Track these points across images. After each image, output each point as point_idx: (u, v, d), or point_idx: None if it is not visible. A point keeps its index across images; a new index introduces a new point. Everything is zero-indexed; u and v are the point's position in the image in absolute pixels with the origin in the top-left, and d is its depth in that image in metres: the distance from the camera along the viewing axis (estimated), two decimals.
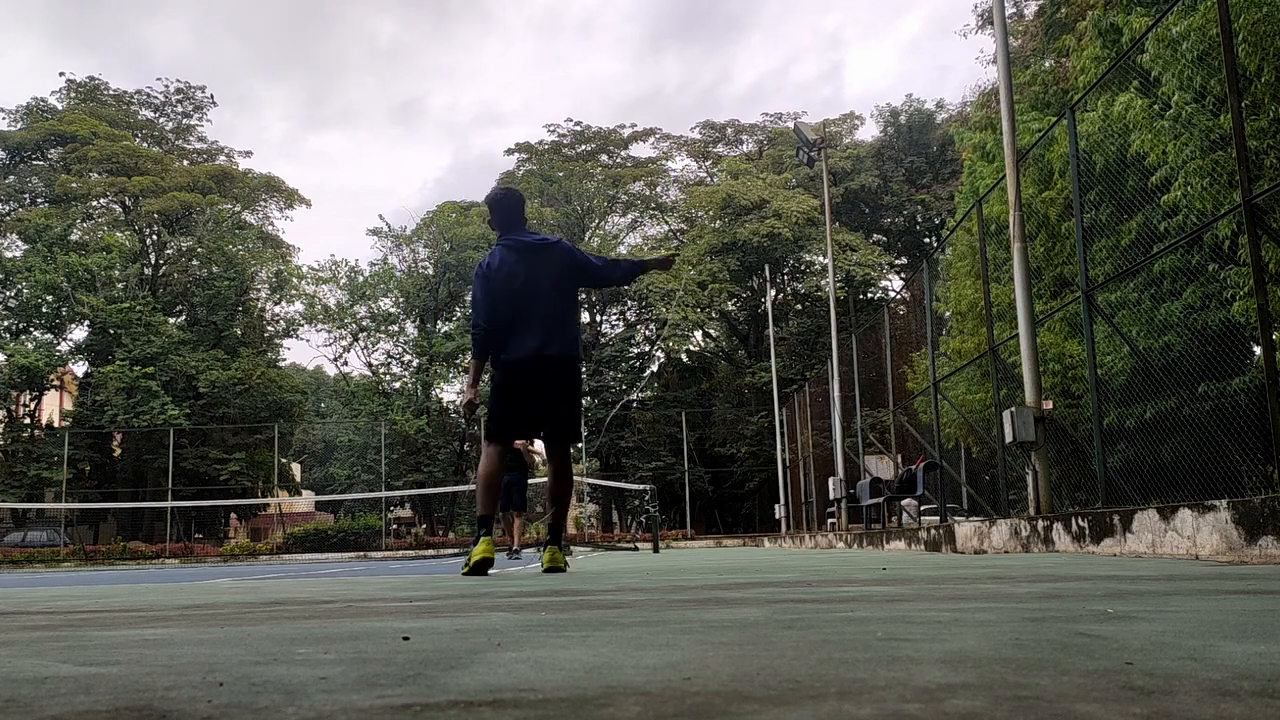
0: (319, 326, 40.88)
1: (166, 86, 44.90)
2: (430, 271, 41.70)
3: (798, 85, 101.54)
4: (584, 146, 46.81)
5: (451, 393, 40.32)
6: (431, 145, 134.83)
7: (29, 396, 37.91)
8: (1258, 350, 6.88)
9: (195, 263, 42.01)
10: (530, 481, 15.40)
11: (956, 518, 11.90)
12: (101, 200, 42.39)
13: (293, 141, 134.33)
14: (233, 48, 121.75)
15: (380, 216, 77.52)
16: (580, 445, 40.31)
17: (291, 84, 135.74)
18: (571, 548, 20.80)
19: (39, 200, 41.71)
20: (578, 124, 46.68)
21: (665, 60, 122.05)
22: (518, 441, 13.40)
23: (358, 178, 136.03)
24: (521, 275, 5.41)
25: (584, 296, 43.16)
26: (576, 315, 5.72)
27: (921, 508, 15.80)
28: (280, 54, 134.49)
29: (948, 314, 17.00)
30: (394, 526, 39.80)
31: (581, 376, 5.76)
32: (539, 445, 13.29)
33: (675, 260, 6.39)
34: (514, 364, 5.36)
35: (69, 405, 39.78)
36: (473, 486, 33.51)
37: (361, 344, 41.24)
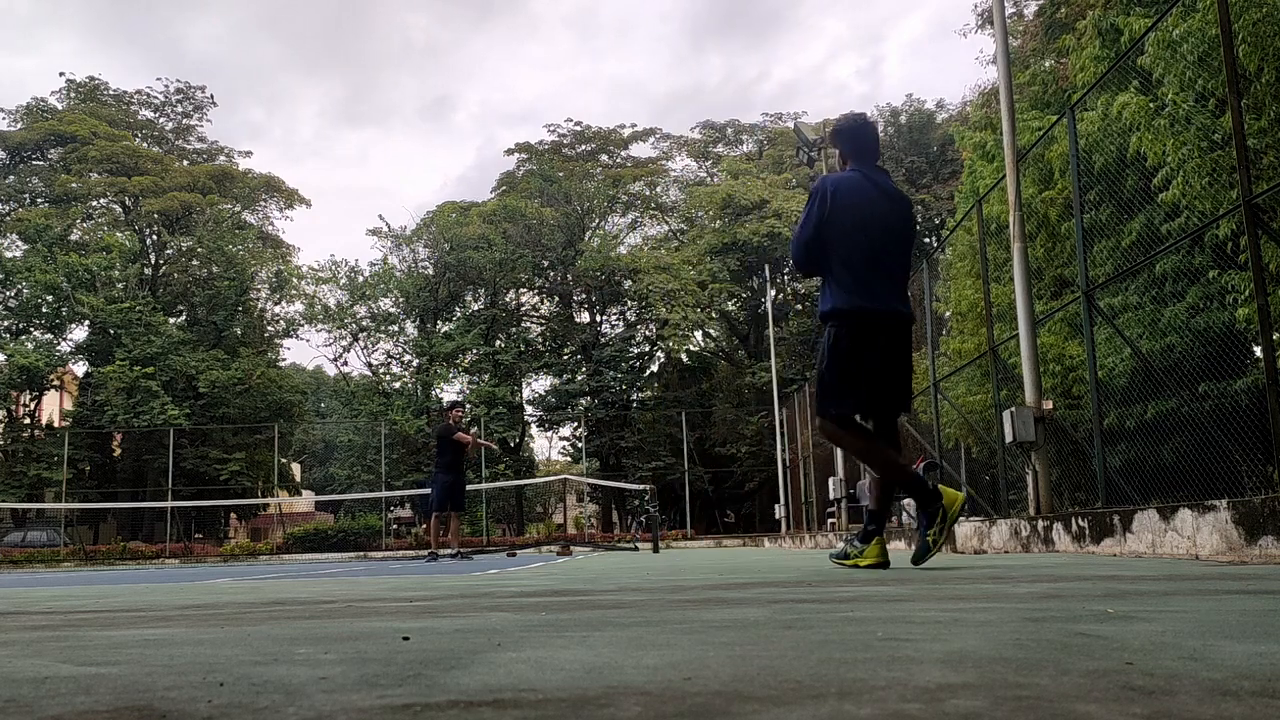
0: (319, 326, 40.90)
1: (166, 86, 44.98)
2: (430, 271, 41.69)
3: (835, 83, 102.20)
4: (584, 146, 46.83)
5: (451, 392, 40.33)
6: (457, 143, 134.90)
7: (29, 396, 37.92)
8: (1258, 351, 6.88)
9: (195, 263, 42.03)
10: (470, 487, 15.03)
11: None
12: (101, 200, 42.41)
13: (320, 139, 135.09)
14: (267, 45, 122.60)
15: (380, 216, 77.56)
16: (580, 445, 40.34)
17: (328, 81, 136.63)
18: (571, 548, 20.78)
19: (39, 200, 41.72)
20: (578, 124, 46.74)
21: (705, 57, 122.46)
22: (460, 435, 13.09)
23: (378, 176, 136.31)
24: (876, 212, 4.59)
25: (584, 296, 43.28)
26: None
27: None
28: (314, 52, 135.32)
29: (948, 314, 16.99)
30: (394, 526, 39.79)
31: None
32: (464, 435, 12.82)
33: None
34: (872, 317, 4.52)
35: (69, 405, 39.79)
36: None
37: (361, 344, 41.26)
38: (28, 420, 37.83)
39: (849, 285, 4.53)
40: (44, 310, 37.41)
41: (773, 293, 36.72)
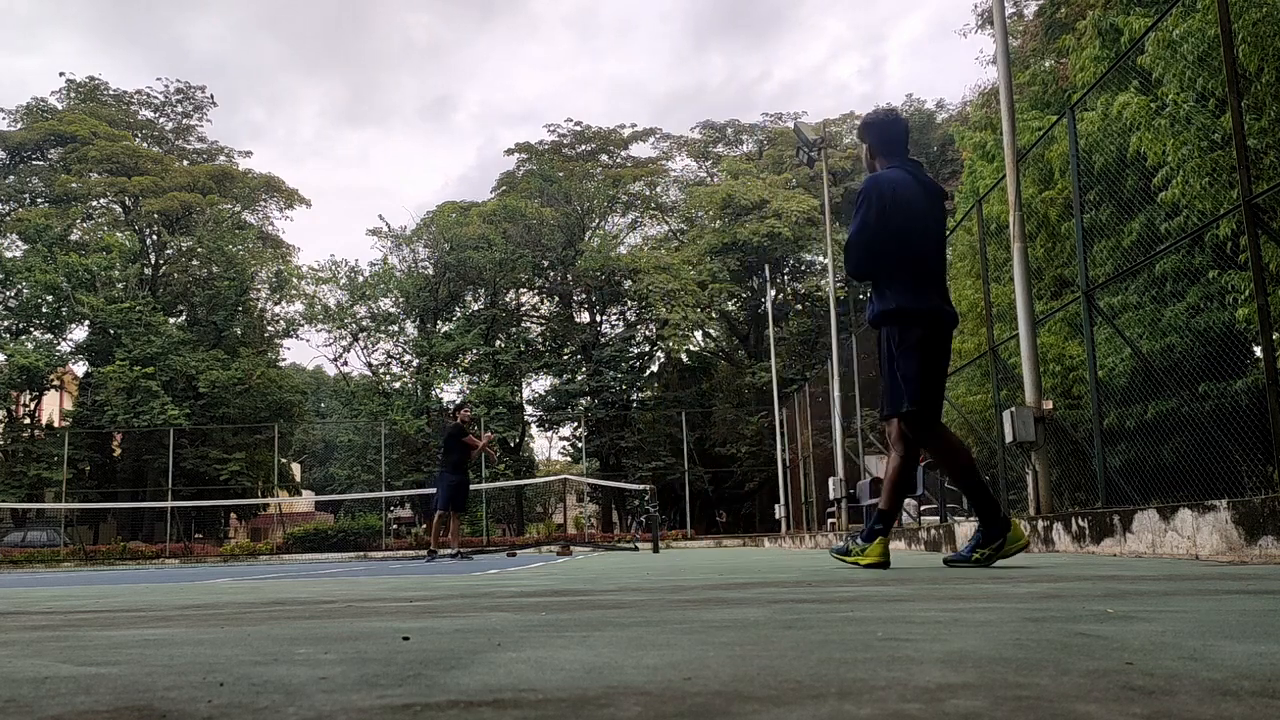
0: (319, 326, 40.90)
1: (166, 86, 44.98)
2: (430, 271, 41.69)
3: (836, 83, 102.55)
4: (584, 146, 46.81)
5: (451, 393, 40.37)
6: (458, 143, 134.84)
7: (29, 396, 37.92)
8: (1258, 351, 6.88)
9: (195, 263, 42.03)
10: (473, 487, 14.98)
11: (956, 518, 11.90)
12: (101, 200, 42.41)
13: (321, 139, 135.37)
14: (268, 45, 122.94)
15: (380, 216, 77.54)
16: (580, 445, 40.33)
17: (329, 81, 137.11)
18: (571, 548, 20.77)
19: (39, 200, 41.73)
20: (578, 124, 46.73)
21: (707, 57, 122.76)
22: (471, 438, 13.10)
23: (378, 176, 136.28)
24: (924, 209, 4.56)
25: (584, 296, 43.28)
26: None
27: (921, 508, 15.80)
28: (315, 52, 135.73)
29: None
30: (394, 526, 39.80)
31: None
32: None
33: None
34: (934, 317, 4.50)
35: (69, 405, 39.79)
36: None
37: (361, 344, 41.25)
38: (28, 420, 37.83)
39: (909, 286, 4.48)
40: (44, 310, 37.41)
41: (773, 293, 36.72)
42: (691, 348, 44.01)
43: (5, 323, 37.62)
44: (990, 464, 15.44)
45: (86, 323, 38.15)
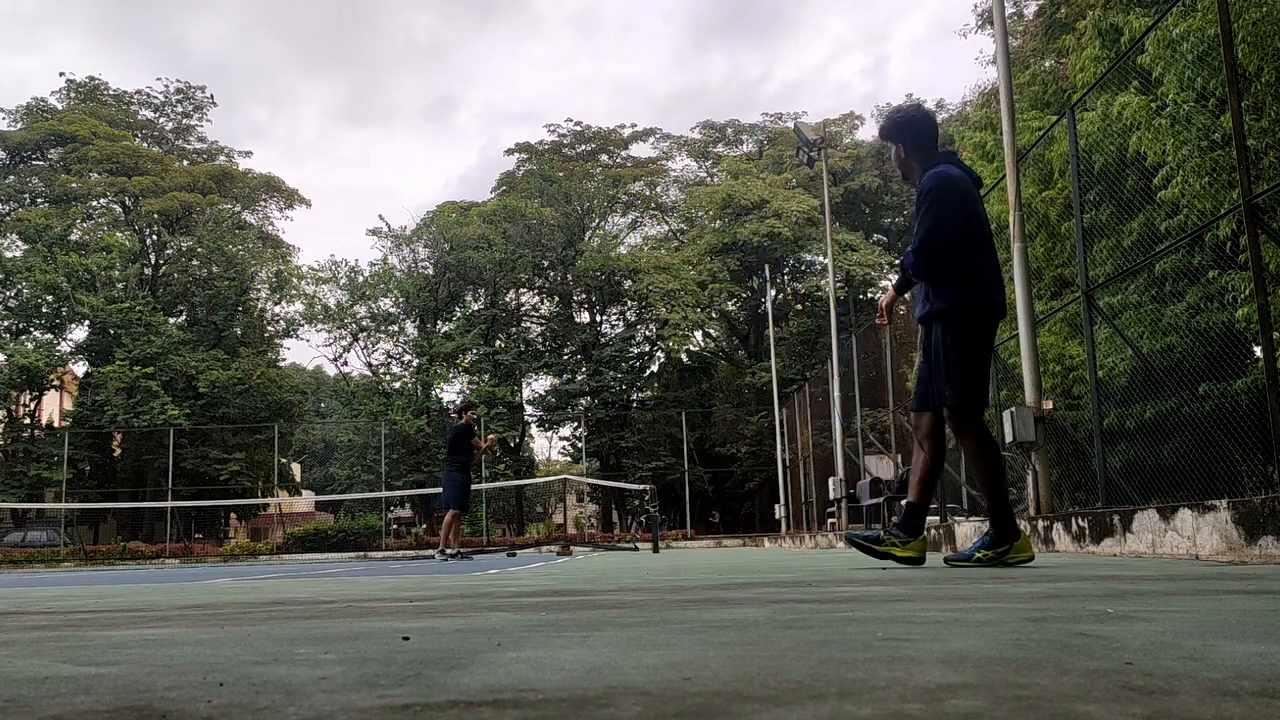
0: (319, 326, 40.90)
1: (166, 86, 44.99)
2: (430, 271, 41.68)
3: (837, 83, 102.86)
4: (584, 146, 46.81)
5: (451, 393, 40.36)
6: (459, 143, 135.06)
7: (29, 396, 37.92)
8: (1258, 350, 6.88)
9: (195, 263, 42.04)
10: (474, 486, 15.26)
11: (956, 518, 11.90)
12: (101, 200, 42.41)
13: (322, 139, 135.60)
14: (270, 45, 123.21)
15: (380, 216, 77.52)
16: (580, 445, 40.33)
17: (332, 81, 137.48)
18: (571, 548, 20.77)
19: (39, 200, 41.72)
20: (578, 124, 46.72)
21: (708, 57, 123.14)
22: (476, 440, 13.37)
23: (379, 176, 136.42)
24: (976, 204, 4.60)
25: (584, 296, 43.27)
26: None
27: None
28: (317, 52, 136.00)
29: None
30: (394, 526, 39.80)
31: None
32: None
33: None
34: (987, 313, 4.52)
35: (69, 405, 39.79)
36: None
37: (361, 344, 41.25)
38: (28, 420, 37.83)
39: (970, 282, 4.48)
40: (44, 310, 37.41)
41: (773, 293, 36.72)
42: (691, 348, 43.99)
43: (5, 323, 37.63)
44: None
45: (86, 323, 38.16)
